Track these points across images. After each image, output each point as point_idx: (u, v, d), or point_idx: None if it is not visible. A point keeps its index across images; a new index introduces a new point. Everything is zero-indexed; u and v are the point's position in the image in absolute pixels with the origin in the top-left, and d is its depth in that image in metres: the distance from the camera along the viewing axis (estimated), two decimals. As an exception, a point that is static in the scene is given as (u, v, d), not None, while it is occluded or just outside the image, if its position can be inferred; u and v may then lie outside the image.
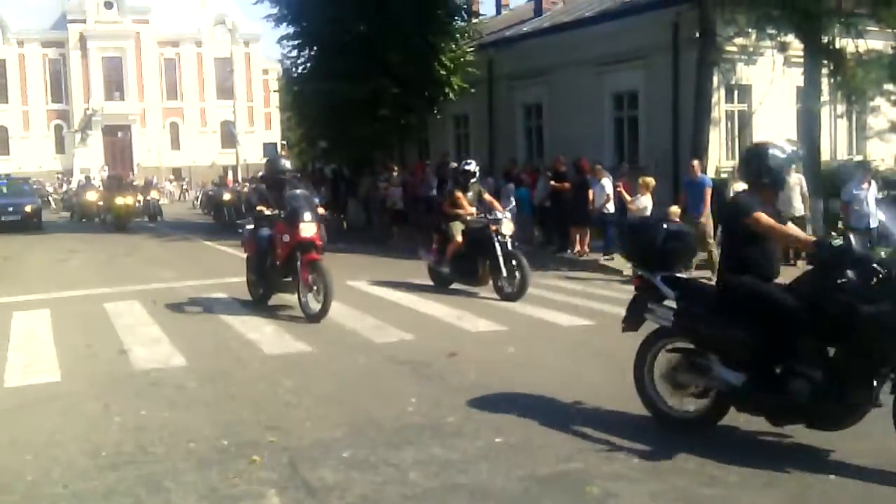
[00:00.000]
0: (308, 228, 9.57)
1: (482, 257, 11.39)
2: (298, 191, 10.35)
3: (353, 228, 23.66)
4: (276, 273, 10.06)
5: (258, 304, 10.47)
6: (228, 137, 54.25)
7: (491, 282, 11.38)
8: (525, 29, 25.56)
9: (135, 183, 37.52)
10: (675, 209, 13.10)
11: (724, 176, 18.31)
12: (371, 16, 20.98)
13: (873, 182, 12.24)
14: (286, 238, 9.68)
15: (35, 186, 43.85)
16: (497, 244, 11.18)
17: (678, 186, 16.03)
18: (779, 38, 16.85)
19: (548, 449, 5.20)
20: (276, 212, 10.03)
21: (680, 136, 18.64)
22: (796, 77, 18.15)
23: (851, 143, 21.33)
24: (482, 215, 11.72)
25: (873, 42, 16.40)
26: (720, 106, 19.17)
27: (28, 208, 26.61)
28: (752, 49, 18.15)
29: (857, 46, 16.05)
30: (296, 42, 24.41)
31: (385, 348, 8.14)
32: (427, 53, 21.87)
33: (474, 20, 25.12)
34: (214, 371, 7.31)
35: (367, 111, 21.80)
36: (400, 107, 22.38)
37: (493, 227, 11.35)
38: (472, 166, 12.49)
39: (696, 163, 14.25)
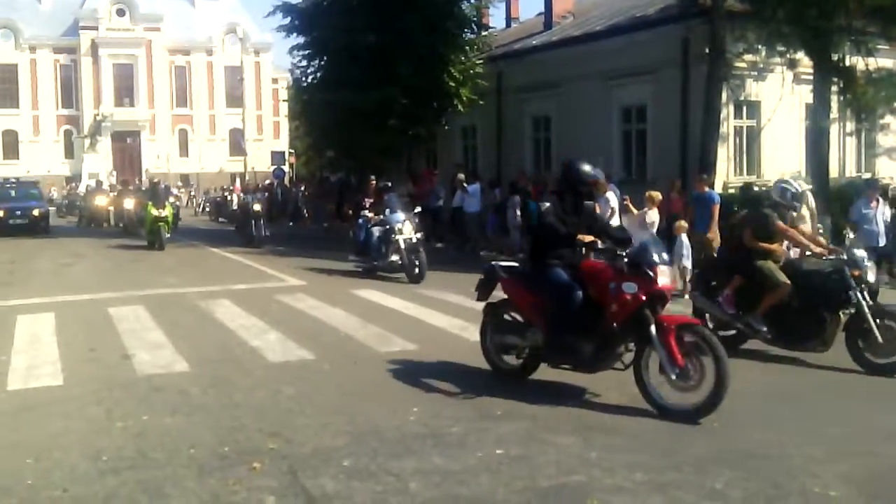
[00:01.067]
0: (665, 273, 6.55)
1: (829, 313, 8.27)
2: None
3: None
4: (599, 340, 6.65)
5: (509, 379, 7.28)
6: (237, 146, 54.45)
7: (847, 349, 8.23)
8: (534, 42, 25.60)
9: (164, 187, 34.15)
10: (682, 224, 13.07)
11: (731, 191, 18.32)
12: (381, 27, 21.05)
13: (881, 200, 12.18)
14: (630, 289, 6.44)
15: (58, 192, 44.28)
16: (861, 297, 8.10)
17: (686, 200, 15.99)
18: (788, 55, 16.85)
19: (549, 461, 5.17)
20: (606, 244, 6.94)
21: (688, 151, 18.63)
22: (805, 94, 18.17)
23: (860, 161, 21.30)
24: (833, 255, 8.51)
25: (884, 60, 16.40)
26: (729, 121, 19.17)
27: (36, 212, 26.68)
28: (761, 65, 18.17)
29: (867, 64, 16.05)
30: (306, 52, 24.53)
31: (388, 357, 8.12)
32: (436, 65, 21.94)
33: (484, 33, 25.17)
34: (217, 377, 7.30)
35: (375, 121, 21.84)
36: (408, 117, 22.42)
37: (855, 273, 8.15)
38: (797, 186, 9.05)
39: (703, 177, 14.21)
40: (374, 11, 21.10)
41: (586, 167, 7.31)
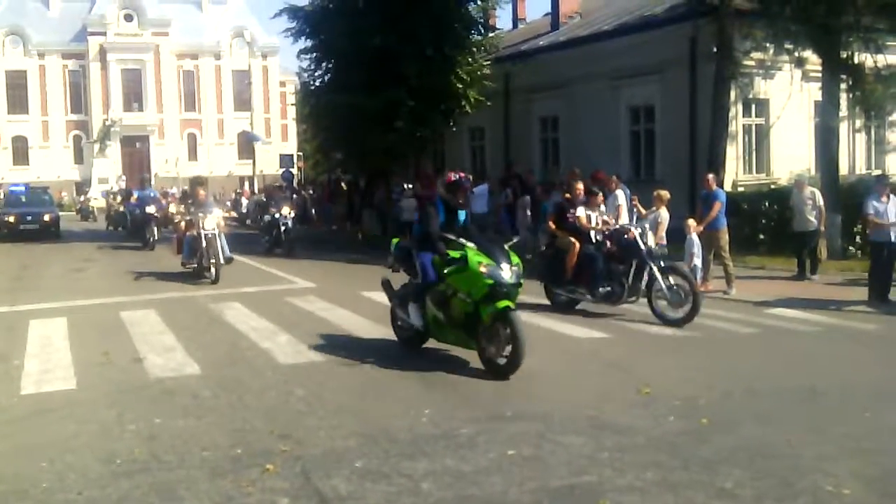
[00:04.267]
0: None
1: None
2: None
3: (367, 239, 23.70)
4: None
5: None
6: (246, 147, 54.47)
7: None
8: (542, 43, 25.62)
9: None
10: (692, 222, 13.05)
11: (740, 189, 18.30)
12: (388, 29, 21.06)
13: (892, 196, 12.13)
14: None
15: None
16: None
17: (695, 199, 15.98)
18: (797, 53, 16.82)
19: (560, 461, 5.17)
20: None
21: (697, 150, 18.62)
22: (814, 91, 18.13)
23: (870, 158, 21.23)
24: None
25: (893, 57, 16.35)
26: (737, 119, 19.15)
27: (46, 217, 26.83)
28: (769, 63, 18.14)
29: (875, 61, 15.99)
30: (313, 55, 24.57)
31: (399, 359, 8.13)
32: (444, 67, 21.94)
33: (491, 34, 25.16)
34: (228, 380, 7.32)
35: (382, 123, 21.87)
36: (416, 119, 22.43)
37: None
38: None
39: (711, 176, 14.19)
40: (381, 14, 21.12)
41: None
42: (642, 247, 10.55)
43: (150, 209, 21.85)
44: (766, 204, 17.07)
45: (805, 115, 19.30)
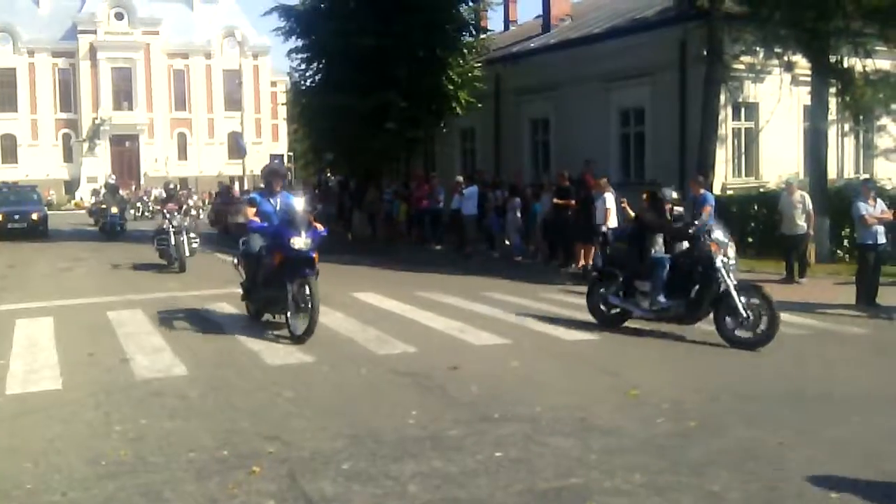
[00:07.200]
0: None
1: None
2: None
3: (357, 240, 23.68)
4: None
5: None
6: (236, 149, 54.32)
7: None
8: (533, 45, 25.63)
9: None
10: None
11: (729, 192, 18.36)
12: (379, 30, 21.07)
13: (879, 200, 12.21)
14: None
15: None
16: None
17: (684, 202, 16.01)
18: (786, 57, 16.88)
19: (547, 464, 5.17)
20: None
21: (686, 153, 18.66)
22: (804, 95, 18.20)
23: (858, 162, 21.33)
24: None
25: (881, 62, 16.43)
26: (727, 123, 19.20)
27: (34, 216, 26.68)
28: (759, 67, 18.20)
29: (864, 66, 16.07)
30: (304, 55, 24.57)
31: (387, 360, 8.12)
32: (435, 68, 21.98)
33: (482, 35, 25.21)
34: (215, 381, 7.29)
35: (373, 124, 21.87)
36: (407, 120, 22.45)
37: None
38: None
39: (701, 179, 14.22)
40: (373, 14, 21.13)
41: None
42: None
43: (302, 242, 9.14)
44: (755, 207, 17.13)
45: (794, 119, 19.38)
